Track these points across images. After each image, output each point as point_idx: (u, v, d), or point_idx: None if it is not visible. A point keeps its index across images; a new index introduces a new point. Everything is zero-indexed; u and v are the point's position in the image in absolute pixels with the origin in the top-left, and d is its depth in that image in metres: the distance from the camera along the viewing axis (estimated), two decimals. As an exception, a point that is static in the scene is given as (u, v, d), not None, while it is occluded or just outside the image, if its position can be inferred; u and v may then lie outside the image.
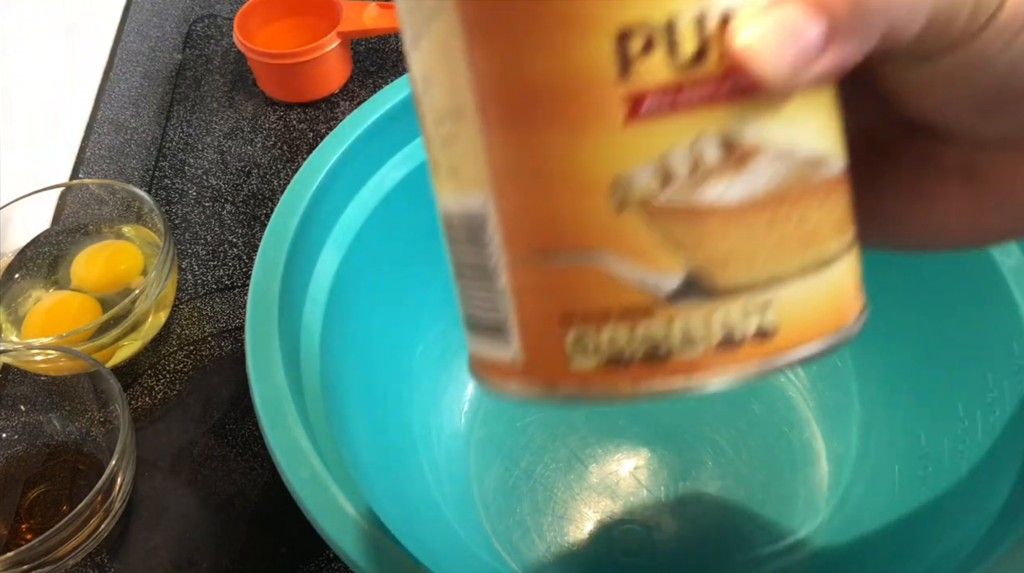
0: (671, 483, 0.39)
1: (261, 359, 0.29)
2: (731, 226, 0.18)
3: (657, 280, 0.18)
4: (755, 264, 0.18)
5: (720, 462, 0.40)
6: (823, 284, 0.19)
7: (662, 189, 0.17)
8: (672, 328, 0.18)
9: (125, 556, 0.39)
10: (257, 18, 0.59)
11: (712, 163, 0.17)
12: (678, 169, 0.17)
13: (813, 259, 0.19)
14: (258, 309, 0.31)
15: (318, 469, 0.27)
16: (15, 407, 0.42)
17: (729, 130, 0.17)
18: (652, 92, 0.17)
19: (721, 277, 0.18)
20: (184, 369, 0.46)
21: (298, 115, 0.58)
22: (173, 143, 0.57)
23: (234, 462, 0.42)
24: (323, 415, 0.30)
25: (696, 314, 0.18)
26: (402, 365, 0.40)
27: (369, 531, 0.25)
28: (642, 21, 0.17)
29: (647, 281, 0.18)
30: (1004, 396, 0.31)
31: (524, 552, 0.37)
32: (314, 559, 0.39)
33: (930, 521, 0.32)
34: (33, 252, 0.47)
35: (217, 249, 0.51)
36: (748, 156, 0.18)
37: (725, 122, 0.17)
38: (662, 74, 0.17)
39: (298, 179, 0.34)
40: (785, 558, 0.37)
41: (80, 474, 0.40)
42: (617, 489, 0.39)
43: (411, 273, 0.38)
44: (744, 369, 0.18)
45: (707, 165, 0.17)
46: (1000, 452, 0.31)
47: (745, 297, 0.18)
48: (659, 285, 0.18)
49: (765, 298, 0.18)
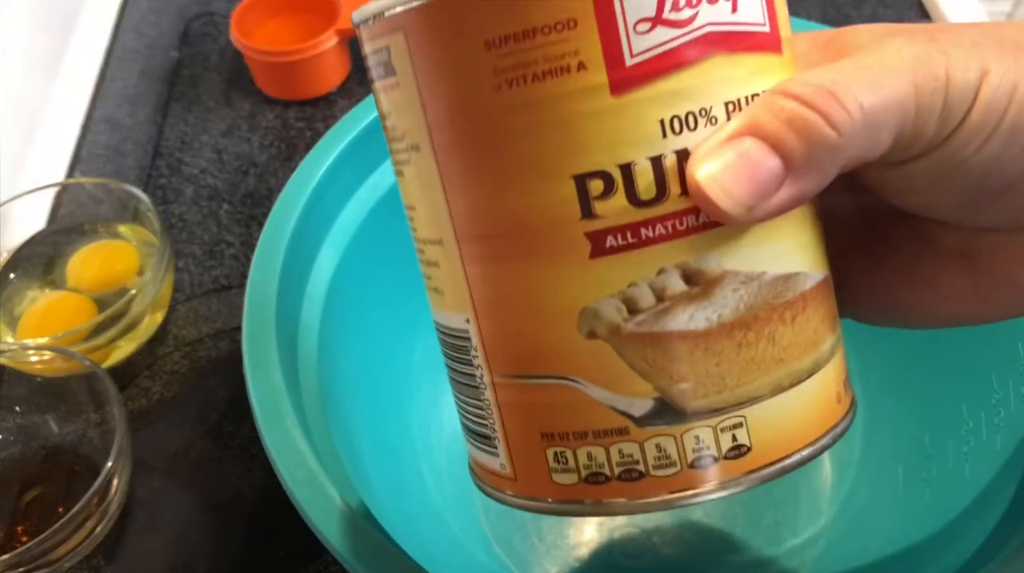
0: (672, 485, 0.39)
1: (258, 360, 0.29)
2: (698, 352, 0.18)
3: (628, 404, 0.19)
4: (724, 387, 0.19)
5: (722, 463, 0.39)
6: (799, 398, 0.19)
7: (629, 319, 0.18)
8: (646, 449, 0.19)
9: (121, 559, 0.39)
10: (254, 15, 0.59)
11: (676, 293, 0.18)
12: (643, 300, 0.18)
13: (787, 376, 0.19)
14: (255, 309, 0.30)
15: (316, 471, 0.26)
16: (10, 408, 0.41)
17: (692, 262, 0.18)
18: (613, 230, 0.18)
19: (691, 401, 0.19)
20: (181, 370, 0.45)
21: (296, 113, 0.58)
22: (170, 142, 0.57)
23: (231, 464, 0.42)
24: (321, 417, 0.30)
25: (668, 436, 0.19)
26: (401, 366, 0.39)
27: (367, 533, 0.25)
28: (600, 167, 0.18)
29: (619, 405, 0.19)
30: (1009, 397, 0.31)
31: (524, 555, 0.37)
32: (312, 562, 0.38)
33: (934, 523, 0.32)
34: (28, 252, 0.47)
35: (214, 249, 0.51)
36: (713, 284, 0.18)
37: (688, 254, 0.18)
38: (622, 214, 0.18)
39: (296, 178, 0.34)
40: (788, 561, 0.36)
41: (76, 476, 0.40)
42: (618, 491, 0.39)
43: (410, 273, 0.38)
44: (721, 486, 0.19)
45: (672, 295, 0.18)
46: (1004, 454, 0.30)
47: (716, 418, 0.19)
48: (630, 409, 0.19)
49: (736, 418, 0.19)
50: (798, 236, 0.19)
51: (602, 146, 0.17)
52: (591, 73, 0.17)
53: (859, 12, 0.62)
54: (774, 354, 0.19)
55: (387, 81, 0.20)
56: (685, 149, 0.17)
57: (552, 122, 0.18)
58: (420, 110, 0.19)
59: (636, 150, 0.17)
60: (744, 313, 0.18)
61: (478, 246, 0.19)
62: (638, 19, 0.17)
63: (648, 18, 0.17)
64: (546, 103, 0.17)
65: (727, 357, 0.18)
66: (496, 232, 0.19)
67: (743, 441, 0.19)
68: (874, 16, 0.61)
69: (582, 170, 0.18)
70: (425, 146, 0.19)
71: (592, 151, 0.17)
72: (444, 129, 0.19)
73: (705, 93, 0.17)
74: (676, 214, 0.18)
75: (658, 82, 0.17)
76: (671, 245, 0.18)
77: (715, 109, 0.18)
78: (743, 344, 0.18)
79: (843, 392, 0.21)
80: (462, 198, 0.19)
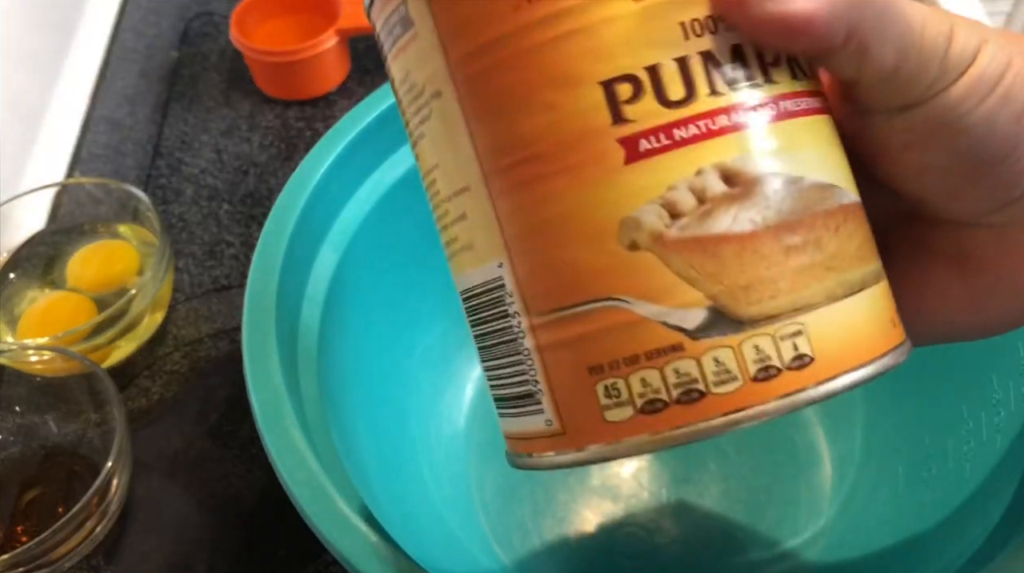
0: (673, 486, 0.39)
1: (258, 360, 0.29)
2: (746, 254, 0.18)
3: (681, 316, 0.18)
4: (778, 291, 0.18)
5: (722, 464, 0.39)
6: (854, 311, 0.19)
7: (671, 224, 0.18)
8: (704, 364, 0.18)
9: (121, 559, 0.39)
10: (254, 15, 0.59)
11: (717, 194, 0.18)
12: (684, 203, 0.18)
13: (838, 285, 0.19)
14: (255, 309, 0.30)
15: (316, 471, 0.26)
16: (10, 408, 0.41)
17: (729, 161, 0.18)
18: (646, 133, 0.18)
19: (745, 306, 0.18)
20: (181, 370, 0.45)
21: (296, 113, 0.58)
22: (169, 142, 0.57)
23: (231, 464, 0.42)
24: (321, 417, 0.30)
25: (726, 347, 0.18)
26: (401, 366, 0.39)
27: (367, 533, 0.25)
28: (627, 71, 0.18)
29: (671, 319, 0.18)
30: (1009, 397, 0.31)
31: (524, 555, 0.37)
32: (312, 562, 0.38)
33: (934, 523, 0.32)
34: (28, 252, 0.47)
35: (214, 249, 0.51)
36: (754, 184, 0.18)
37: (724, 154, 0.18)
38: (654, 116, 0.18)
39: (295, 178, 0.34)
40: (788, 561, 0.36)
41: (76, 476, 0.40)
42: (619, 491, 0.39)
43: (410, 273, 0.38)
44: (786, 400, 0.18)
45: (713, 196, 0.18)
46: (1004, 454, 0.30)
47: (774, 325, 0.18)
48: (683, 321, 0.18)
49: (795, 326, 0.18)
50: (831, 152, 0.19)
51: (627, 50, 0.18)
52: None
53: (859, 12, 0.62)
54: (823, 261, 0.18)
55: (404, 39, 0.20)
56: (708, 51, 0.18)
57: (575, 31, 0.18)
58: (440, 54, 0.19)
59: (661, 52, 0.18)
60: (788, 215, 0.18)
61: (507, 177, 0.19)
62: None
63: None
64: (568, 13, 0.18)
65: (776, 261, 0.18)
66: (525, 156, 0.19)
67: (805, 350, 0.18)
68: (874, 16, 0.61)
69: (609, 75, 0.18)
70: (447, 89, 0.19)
71: (618, 56, 0.18)
72: (466, 63, 0.19)
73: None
74: (708, 113, 0.18)
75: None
76: (707, 145, 0.18)
77: None
78: (791, 247, 0.18)
79: (897, 319, 0.20)
80: (487, 130, 0.19)
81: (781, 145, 0.18)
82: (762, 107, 0.18)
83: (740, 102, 0.18)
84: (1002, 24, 1.03)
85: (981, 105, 0.19)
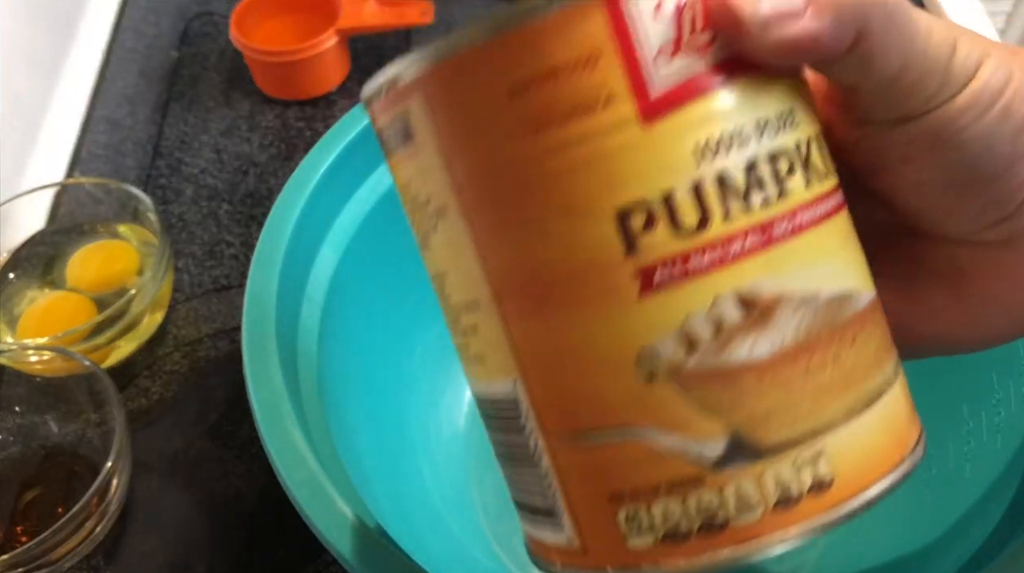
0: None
1: (258, 360, 0.29)
2: (766, 382, 0.18)
3: (701, 448, 0.18)
4: (798, 416, 0.18)
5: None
6: (874, 422, 0.19)
7: (689, 356, 0.17)
8: (725, 495, 0.18)
9: (121, 559, 0.39)
10: (254, 15, 0.59)
11: (735, 322, 0.17)
12: (701, 334, 0.17)
13: (857, 399, 0.18)
14: (255, 309, 0.30)
15: (315, 471, 0.26)
16: (10, 408, 0.41)
17: (745, 287, 0.17)
18: (661, 264, 0.17)
19: (765, 435, 0.18)
20: (180, 370, 0.45)
21: (295, 113, 0.58)
22: (169, 142, 0.57)
23: (231, 464, 0.42)
24: (321, 417, 0.30)
25: (747, 477, 0.18)
26: (401, 366, 0.39)
27: (367, 534, 0.25)
28: (639, 200, 0.17)
29: (690, 450, 0.18)
30: (1009, 397, 0.31)
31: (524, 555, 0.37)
32: (312, 562, 0.38)
33: (934, 524, 0.32)
34: (28, 252, 0.47)
35: (214, 249, 0.51)
36: (770, 309, 0.17)
37: (740, 280, 0.17)
38: (668, 245, 0.17)
39: (295, 178, 0.34)
40: (788, 561, 0.36)
41: (76, 476, 0.40)
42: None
43: (410, 273, 0.38)
44: (807, 526, 0.18)
45: (730, 325, 0.17)
46: (1005, 454, 0.30)
47: (794, 452, 0.18)
48: (703, 453, 0.18)
49: (815, 449, 0.18)
50: (844, 252, 0.19)
51: (638, 178, 0.17)
52: (619, 106, 0.17)
53: (859, 12, 0.62)
54: (841, 377, 0.18)
55: (406, 149, 0.19)
56: (722, 173, 0.17)
57: (585, 161, 0.17)
58: (444, 172, 0.18)
59: (673, 177, 0.17)
60: (805, 337, 0.18)
61: (520, 302, 0.19)
62: (659, 47, 0.17)
63: (669, 45, 0.17)
64: (577, 142, 0.17)
65: (796, 385, 0.18)
66: (538, 284, 0.18)
67: (825, 473, 0.18)
68: (874, 16, 0.61)
69: (621, 205, 0.17)
70: (452, 208, 0.19)
71: (629, 184, 0.17)
72: (472, 186, 0.18)
73: (733, 115, 0.17)
74: (722, 240, 0.17)
75: (686, 107, 0.17)
76: (722, 272, 0.17)
77: (747, 129, 0.17)
78: (809, 369, 0.18)
79: (912, 412, 0.20)
80: (497, 254, 0.18)
81: (795, 263, 0.18)
82: (776, 225, 0.18)
83: (754, 224, 0.17)
84: (1002, 24, 1.03)
85: (980, 120, 0.18)
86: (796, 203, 0.18)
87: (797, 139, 0.18)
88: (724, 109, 0.17)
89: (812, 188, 0.18)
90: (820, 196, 0.18)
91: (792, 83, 0.19)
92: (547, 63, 0.17)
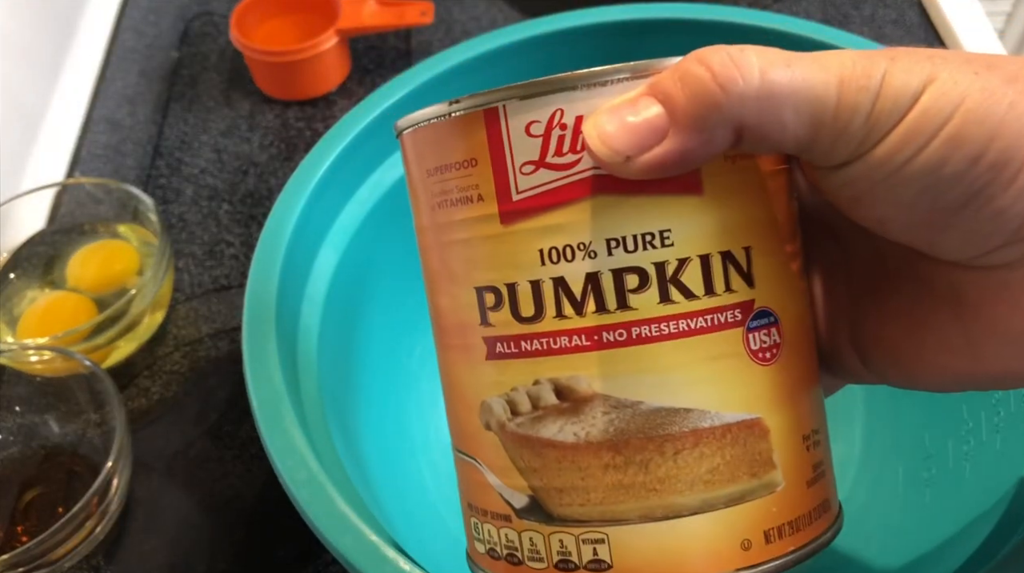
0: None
1: (258, 360, 0.29)
2: (565, 463, 0.20)
3: (511, 495, 0.21)
4: (588, 501, 0.20)
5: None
6: (674, 533, 0.20)
7: (512, 418, 0.20)
8: (521, 539, 0.21)
9: (121, 559, 0.39)
10: (254, 15, 0.59)
11: (548, 405, 0.20)
12: (521, 405, 0.20)
13: (658, 508, 0.20)
14: (255, 309, 0.30)
15: (316, 471, 0.26)
16: (10, 408, 0.41)
17: (563, 378, 0.20)
18: (501, 338, 0.20)
19: (557, 506, 0.20)
20: (181, 370, 0.45)
21: (295, 113, 0.58)
22: (169, 142, 0.57)
23: (231, 464, 0.42)
24: (321, 416, 0.30)
25: (538, 533, 0.20)
26: (401, 366, 0.39)
27: (367, 533, 0.25)
28: (490, 284, 0.20)
29: (504, 493, 0.21)
30: (1009, 397, 0.31)
31: (524, 554, 0.37)
32: (312, 562, 0.38)
33: (934, 523, 0.32)
34: (28, 252, 0.47)
35: (214, 249, 0.51)
36: (583, 403, 0.20)
37: (560, 371, 0.20)
38: (508, 326, 0.20)
39: (295, 178, 0.34)
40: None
41: (76, 476, 0.40)
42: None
43: (410, 273, 0.38)
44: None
45: (544, 406, 0.20)
46: (1004, 453, 0.30)
47: (580, 529, 0.20)
48: (512, 500, 0.21)
49: (599, 534, 0.20)
50: (700, 369, 0.19)
51: (493, 266, 0.20)
52: (487, 204, 0.20)
53: (859, 12, 0.62)
54: (645, 482, 0.19)
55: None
56: (562, 277, 0.19)
57: (462, 240, 0.21)
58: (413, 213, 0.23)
59: (518, 273, 0.20)
60: (613, 436, 0.19)
61: (435, 335, 0.23)
62: (524, 161, 0.19)
63: (532, 161, 0.19)
64: (457, 225, 0.21)
65: (593, 474, 0.20)
66: (439, 325, 0.22)
67: (604, 557, 0.20)
68: (874, 16, 0.61)
69: (479, 283, 0.20)
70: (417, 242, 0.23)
71: (486, 269, 0.20)
72: (418, 234, 0.23)
73: (584, 229, 0.19)
74: (551, 333, 0.20)
75: (540, 216, 0.19)
76: (546, 360, 0.20)
77: (594, 244, 0.19)
78: (610, 465, 0.20)
79: (762, 541, 0.20)
80: (427, 292, 0.23)
81: (620, 370, 0.19)
82: (607, 332, 0.19)
83: (584, 327, 0.19)
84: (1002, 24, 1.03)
85: (922, 152, 0.17)
86: (638, 317, 0.19)
87: (662, 259, 0.19)
88: (574, 222, 0.19)
89: (671, 306, 0.19)
90: (680, 314, 0.19)
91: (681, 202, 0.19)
92: (443, 158, 0.21)
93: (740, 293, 0.20)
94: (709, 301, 0.19)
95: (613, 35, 0.39)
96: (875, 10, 0.62)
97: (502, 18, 0.63)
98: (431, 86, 0.37)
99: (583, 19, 0.39)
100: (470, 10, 0.64)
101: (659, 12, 0.39)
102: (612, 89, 0.19)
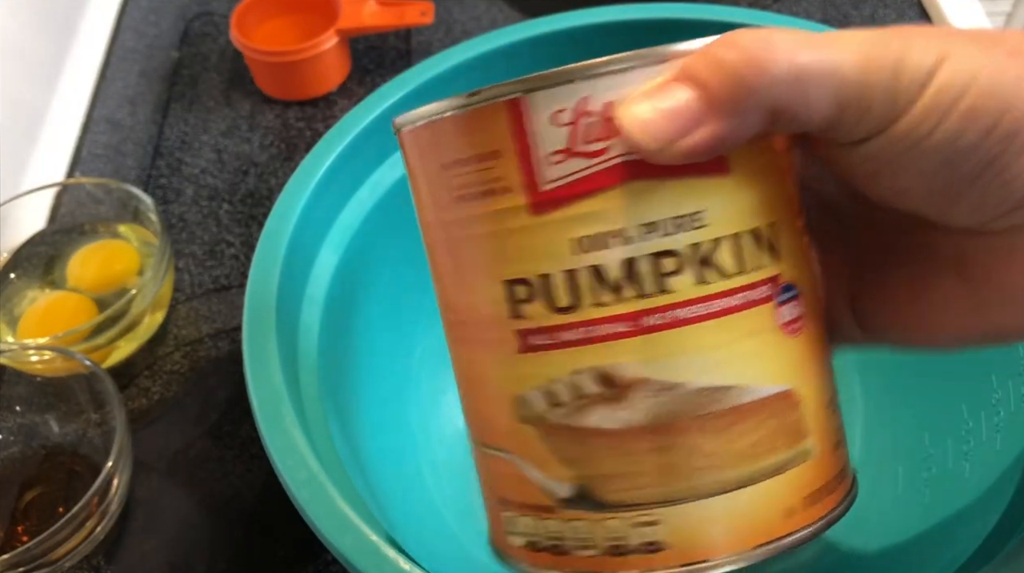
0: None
1: (259, 360, 0.29)
2: (613, 449, 0.20)
3: (553, 486, 0.21)
4: (638, 485, 0.20)
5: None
6: (724, 507, 0.20)
7: (551, 410, 0.20)
8: (567, 529, 0.21)
9: (121, 559, 0.39)
10: (255, 15, 0.59)
11: (592, 393, 0.20)
12: (562, 396, 0.20)
13: (708, 485, 0.20)
14: (255, 309, 0.30)
15: (316, 471, 0.26)
16: (10, 408, 0.41)
17: (605, 366, 0.20)
18: (536, 331, 0.20)
19: (606, 493, 0.20)
20: (181, 370, 0.45)
21: (296, 113, 0.58)
22: (170, 142, 0.57)
23: (231, 464, 0.42)
24: (321, 417, 0.30)
25: (586, 521, 0.20)
26: (401, 365, 0.39)
27: (367, 533, 0.25)
28: (522, 277, 0.20)
29: (545, 485, 0.21)
30: (1008, 397, 0.31)
31: (524, 554, 0.37)
32: (312, 562, 0.38)
33: (934, 523, 0.32)
34: (28, 252, 0.47)
35: (214, 249, 0.51)
36: (628, 389, 0.20)
37: (600, 360, 0.20)
38: (542, 318, 0.20)
39: (295, 178, 0.34)
40: (787, 561, 0.36)
41: (76, 476, 0.40)
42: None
43: (410, 272, 0.38)
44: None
45: (586, 395, 0.20)
46: (1004, 453, 0.30)
47: (631, 513, 0.20)
48: (555, 490, 0.21)
49: (651, 516, 0.20)
50: (739, 347, 0.20)
51: (524, 258, 0.20)
52: (514, 196, 0.20)
53: (859, 12, 0.62)
54: (694, 462, 0.20)
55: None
56: (598, 265, 0.19)
57: (487, 234, 0.20)
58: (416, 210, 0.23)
59: (550, 263, 0.20)
60: (658, 420, 0.19)
61: (449, 330, 0.23)
62: (551, 151, 0.19)
63: (560, 150, 0.19)
64: (482, 218, 0.20)
65: (641, 458, 0.20)
66: (457, 321, 0.22)
67: (657, 538, 0.20)
68: (874, 16, 0.61)
69: (509, 277, 0.20)
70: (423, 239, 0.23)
71: (516, 262, 0.20)
72: (424, 230, 0.22)
73: (618, 215, 0.19)
74: (589, 322, 0.20)
75: (571, 205, 0.19)
76: (585, 350, 0.20)
77: (630, 230, 0.19)
78: (659, 448, 0.20)
79: (799, 506, 0.21)
80: (438, 288, 0.23)
81: (661, 354, 0.19)
82: (647, 317, 0.19)
83: (623, 313, 0.19)
84: (1002, 24, 1.03)
85: (941, 126, 0.18)
86: (676, 300, 0.19)
87: (696, 240, 0.19)
88: (607, 210, 0.19)
89: (707, 286, 0.19)
90: (716, 294, 0.19)
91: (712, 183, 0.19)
92: (464, 152, 0.20)
93: (768, 268, 0.20)
94: (741, 279, 0.20)
95: (613, 35, 0.39)
96: (875, 10, 0.62)
97: (502, 18, 0.63)
98: (431, 86, 0.37)
99: (583, 19, 0.39)
100: (470, 10, 0.64)
101: (659, 12, 0.39)
102: (638, 74, 0.19)
